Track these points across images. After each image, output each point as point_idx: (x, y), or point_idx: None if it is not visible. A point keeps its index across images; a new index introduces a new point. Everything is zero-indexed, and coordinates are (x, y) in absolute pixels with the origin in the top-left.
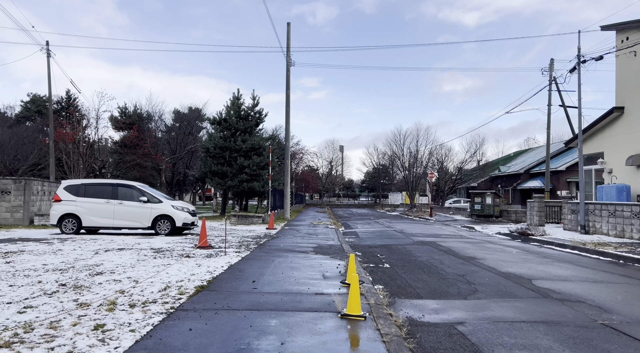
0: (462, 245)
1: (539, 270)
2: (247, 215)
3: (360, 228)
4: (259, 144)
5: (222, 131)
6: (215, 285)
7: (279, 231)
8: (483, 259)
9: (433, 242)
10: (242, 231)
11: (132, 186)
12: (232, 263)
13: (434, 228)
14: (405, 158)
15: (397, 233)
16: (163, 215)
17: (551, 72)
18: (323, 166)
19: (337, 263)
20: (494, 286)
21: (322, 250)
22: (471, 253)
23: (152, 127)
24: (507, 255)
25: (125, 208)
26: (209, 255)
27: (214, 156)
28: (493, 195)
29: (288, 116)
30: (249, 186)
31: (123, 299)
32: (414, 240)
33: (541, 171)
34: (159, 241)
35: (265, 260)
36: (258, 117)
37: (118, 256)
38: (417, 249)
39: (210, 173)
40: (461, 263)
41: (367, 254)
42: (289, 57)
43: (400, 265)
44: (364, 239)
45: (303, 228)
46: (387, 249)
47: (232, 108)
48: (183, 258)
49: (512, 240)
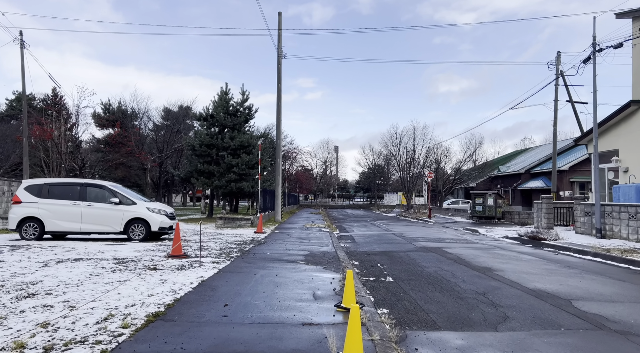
0: (472, 252)
1: (572, 285)
2: (235, 217)
3: (357, 231)
4: (248, 142)
5: (209, 128)
6: (175, 310)
7: (268, 235)
8: (501, 270)
9: (438, 248)
10: (227, 235)
11: (102, 186)
12: (205, 277)
13: (434, 231)
14: (402, 158)
15: (396, 237)
16: (137, 218)
17: (558, 66)
18: (317, 167)
19: (331, 276)
20: (526, 310)
21: (314, 259)
22: (485, 263)
23: (138, 124)
24: (526, 264)
25: (94, 211)
26: (181, 266)
27: (200, 154)
28: (495, 196)
29: (279, 112)
30: (238, 187)
31: (40, 338)
32: (416, 245)
33: (543, 171)
34: (127, 248)
35: (246, 273)
36: (248, 114)
37: (68, 270)
38: (422, 257)
39: (196, 172)
40: (477, 276)
41: (365, 263)
42: (280, 49)
43: (406, 278)
44: (361, 244)
45: (295, 231)
46: (388, 257)
47: (219, 103)
48: (148, 271)
49: (523, 244)
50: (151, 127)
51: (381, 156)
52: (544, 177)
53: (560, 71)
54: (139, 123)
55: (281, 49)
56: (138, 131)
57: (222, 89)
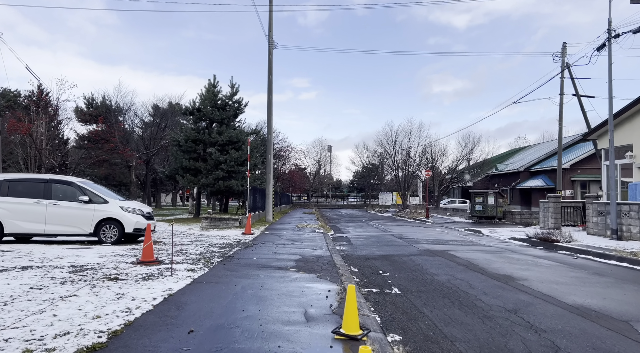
0: (483, 256)
1: (618, 299)
2: (222, 217)
3: (352, 232)
4: (237, 137)
5: (195, 122)
6: (121, 341)
7: (257, 237)
8: (524, 279)
9: (444, 251)
10: (211, 237)
11: (70, 183)
12: (173, 291)
13: (434, 231)
14: (397, 156)
15: (395, 238)
16: (109, 219)
17: (563, 58)
18: (311, 166)
19: (326, 287)
20: (579, 336)
21: (306, 265)
22: (502, 269)
23: (123, 120)
24: (550, 271)
25: (61, 210)
26: (148, 275)
27: (186, 151)
28: (496, 195)
29: (270, 105)
30: (226, 185)
31: None
32: (419, 247)
33: (542, 170)
34: (93, 253)
35: (225, 283)
36: (237, 108)
37: (5, 282)
38: (429, 262)
39: (181, 170)
40: (499, 287)
41: (365, 270)
42: (272, 38)
43: (415, 289)
44: (358, 247)
45: (286, 232)
46: (390, 262)
47: (207, 97)
48: (106, 282)
49: (533, 247)
50: (138, 123)
51: (375, 154)
52: (544, 176)
53: (566, 63)
54: (124, 119)
55: (272, 39)
56: (122, 126)
57: (210, 82)
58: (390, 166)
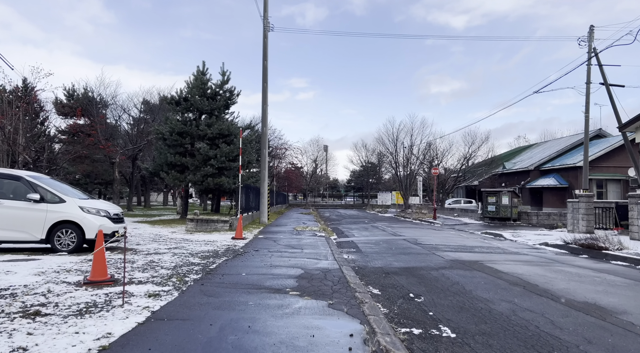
0: (531, 270)
1: None
2: (210, 219)
3: (358, 235)
4: (229, 130)
5: (182, 113)
6: None
7: (249, 242)
8: (623, 312)
9: (478, 263)
10: (195, 243)
11: (17, 177)
12: (113, 338)
13: (449, 235)
14: (399, 154)
15: (410, 244)
16: (65, 222)
17: (590, 43)
18: (308, 165)
19: (345, 328)
20: None
21: (311, 285)
22: (574, 291)
23: (106, 112)
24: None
25: (4, 211)
26: (88, 307)
27: (172, 145)
28: (510, 194)
29: (265, 93)
30: (216, 182)
31: None
32: (444, 257)
33: (555, 168)
34: (30, 268)
35: (196, 320)
36: (228, 97)
37: None
38: (468, 279)
39: (166, 166)
40: (600, 328)
41: (390, 292)
42: (267, 19)
43: (476, 330)
44: (370, 255)
45: (283, 236)
46: (418, 278)
47: (195, 85)
48: (16, 321)
49: (575, 255)
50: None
51: (375, 153)
52: (556, 174)
53: (593, 49)
54: (107, 112)
55: (267, 20)
56: (103, 119)
57: (199, 69)
58: (392, 164)
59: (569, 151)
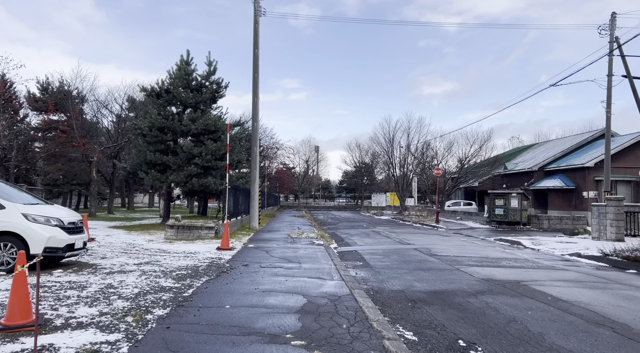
0: (594, 297)
1: None
2: (193, 225)
3: (360, 243)
4: (215, 126)
5: (164, 107)
6: None
7: (237, 254)
8: None
9: (519, 284)
10: (172, 256)
11: None
12: None
13: (463, 243)
14: (395, 154)
15: (423, 255)
16: (4, 233)
17: (612, 32)
18: (300, 165)
19: None
20: None
21: (319, 324)
22: None
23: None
24: None
25: None
26: None
27: (152, 141)
28: (520, 196)
29: (256, 84)
30: (202, 183)
31: None
32: (473, 275)
33: (561, 168)
34: None
35: None
36: (215, 90)
37: None
38: (524, 313)
39: (145, 165)
40: None
41: (427, 335)
42: (258, 2)
43: None
44: (382, 272)
45: (276, 245)
46: (460, 313)
47: (178, 75)
48: None
49: (621, 270)
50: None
51: (369, 153)
52: (561, 175)
53: (616, 38)
54: (86, 107)
55: (259, 3)
56: (77, 113)
57: (183, 58)
58: (387, 164)
59: (575, 150)
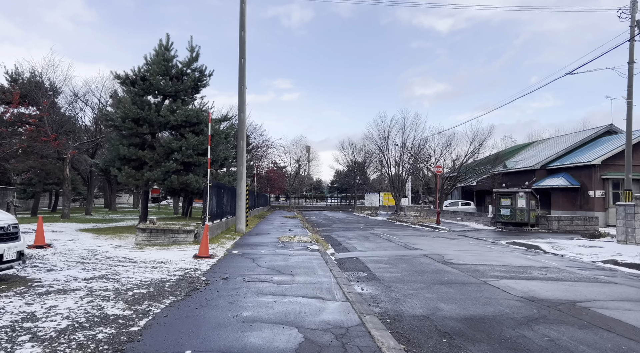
0: None
1: None
2: (169, 229)
3: (360, 248)
4: (197, 118)
5: (139, 95)
6: None
7: (218, 263)
8: None
9: (575, 306)
10: (138, 266)
11: None
12: None
13: (474, 248)
14: (391, 153)
15: (437, 263)
16: None
17: (634, 15)
18: (291, 164)
19: None
20: None
21: None
22: None
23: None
24: None
25: None
26: None
27: (126, 135)
28: (528, 196)
29: (243, 71)
30: (182, 181)
31: None
32: (508, 291)
33: (564, 166)
34: None
35: None
36: (198, 78)
37: None
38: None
39: (118, 160)
40: None
41: None
42: None
43: None
44: (393, 287)
45: (265, 252)
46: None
47: (156, 61)
48: None
49: None
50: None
51: (361, 152)
52: (565, 173)
53: (637, 22)
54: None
55: None
56: (48, 105)
57: (162, 43)
58: (382, 163)
59: (578, 148)
